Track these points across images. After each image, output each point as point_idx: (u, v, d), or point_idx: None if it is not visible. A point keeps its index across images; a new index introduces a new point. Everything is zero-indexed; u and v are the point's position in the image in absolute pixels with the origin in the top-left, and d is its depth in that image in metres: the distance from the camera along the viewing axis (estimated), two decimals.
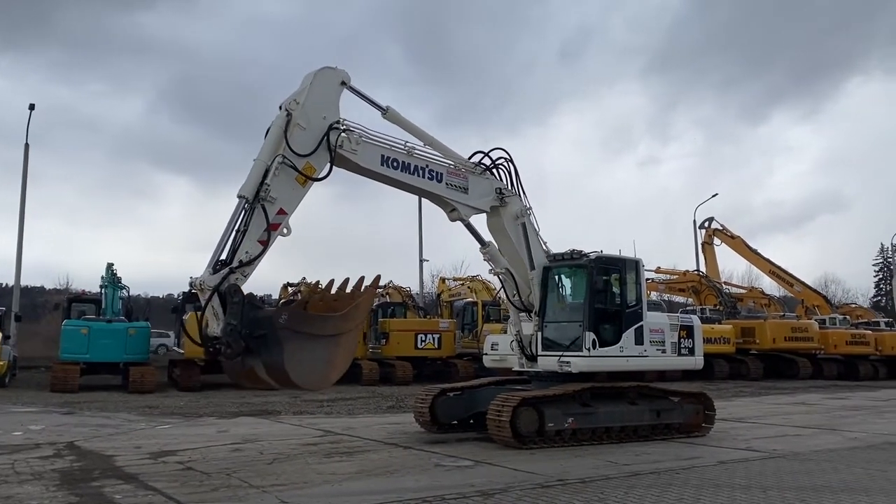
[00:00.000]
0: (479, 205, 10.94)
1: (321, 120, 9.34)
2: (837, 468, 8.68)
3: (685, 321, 12.29)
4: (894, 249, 68.10)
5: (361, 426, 12.97)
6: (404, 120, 10.44)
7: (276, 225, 8.74)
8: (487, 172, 11.13)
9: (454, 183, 10.62)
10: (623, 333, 11.13)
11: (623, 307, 11.31)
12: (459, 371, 24.17)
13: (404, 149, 10.14)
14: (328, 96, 9.52)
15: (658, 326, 11.67)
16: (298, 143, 9.04)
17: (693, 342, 12.12)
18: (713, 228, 39.82)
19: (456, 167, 10.74)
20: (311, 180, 9.12)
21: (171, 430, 12.42)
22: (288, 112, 9.12)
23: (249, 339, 7.98)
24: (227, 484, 7.62)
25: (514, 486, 7.40)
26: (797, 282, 38.75)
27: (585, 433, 10.64)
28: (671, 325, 11.91)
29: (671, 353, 11.74)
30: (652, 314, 11.93)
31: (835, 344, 30.75)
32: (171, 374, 23.18)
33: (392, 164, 9.97)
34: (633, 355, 11.18)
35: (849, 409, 17.03)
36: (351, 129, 9.53)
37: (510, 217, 11.21)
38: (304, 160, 9.05)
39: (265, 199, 8.64)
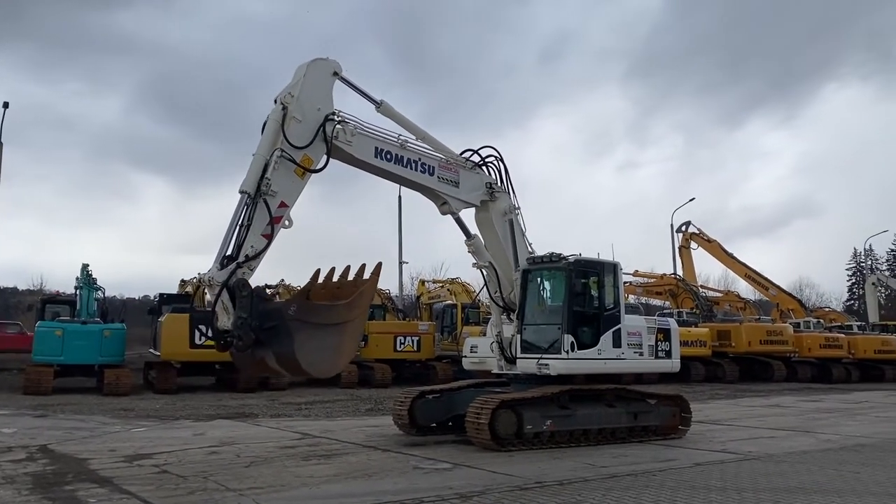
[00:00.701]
0: (470, 199, 11.17)
1: (316, 112, 9.43)
2: (811, 470, 8.80)
3: (662, 324, 12.33)
4: (867, 254, 69.28)
5: (340, 429, 12.92)
6: (398, 114, 10.62)
7: (278, 218, 8.86)
8: (478, 168, 11.35)
9: (445, 177, 10.83)
10: (601, 336, 11.16)
11: (601, 310, 11.34)
12: (438, 373, 24.15)
13: (397, 142, 10.34)
14: (322, 87, 9.59)
15: (636, 329, 11.71)
16: (295, 135, 9.12)
17: (670, 345, 12.15)
18: (690, 232, 40.24)
19: (447, 161, 10.95)
20: (309, 172, 9.23)
21: (147, 433, 12.29)
22: (283, 106, 9.18)
23: (260, 331, 8.11)
24: (203, 487, 7.55)
25: (492, 489, 7.42)
26: (772, 286, 39.25)
27: (564, 435, 10.69)
28: (648, 328, 11.94)
29: (648, 355, 11.76)
30: (630, 317, 11.99)
31: (809, 347, 31.14)
32: (146, 377, 22.92)
33: (386, 157, 10.15)
34: (610, 358, 11.23)
35: (822, 411, 17.26)
36: (346, 121, 9.69)
37: (499, 213, 11.42)
38: (302, 152, 9.14)
39: (266, 193, 8.73)
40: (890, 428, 13.62)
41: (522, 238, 11.63)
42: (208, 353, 20.67)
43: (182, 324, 20.52)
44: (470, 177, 11.16)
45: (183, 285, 27.36)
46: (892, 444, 11.19)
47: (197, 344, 20.48)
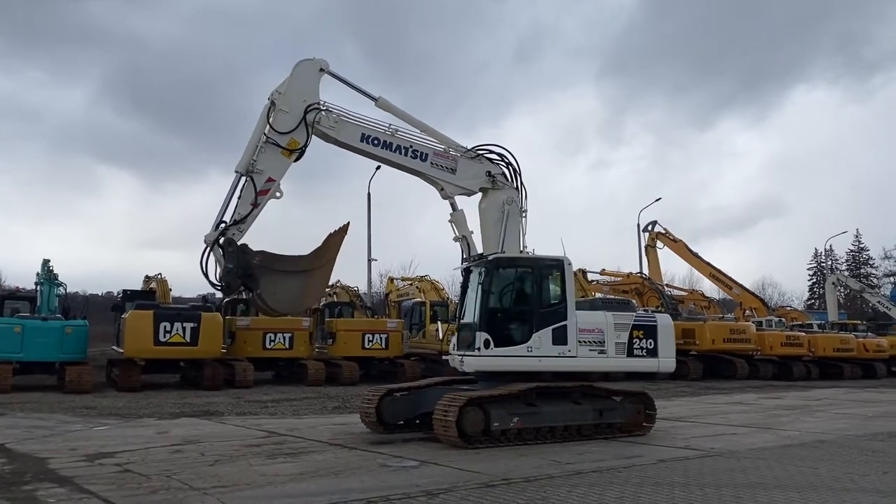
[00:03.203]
0: (467, 185, 11.86)
1: (301, 103, 11.02)
2: (771, 466, 8.97)
3: (642, 321, 11.92)
4: (827, 254, 70.80)
5: (306, 427, 12.84)
6: (396, 108, 11.77)
7: (264, 191, 10.71)
8: (482, 158, 11.84)
9: (440, 163, 11.67)
10: (534, 333, 11.07)
11: (534, 307, 11.26)
12: (407, 371, 24.10)
13: (388, 130, 11.48)
14: (308, 83, 11.16)
15: (593, 326, 11.40)
16: (281, 123, 10.87)
17: (655, 343, 11.78)
18: (656, 232, 40.69)
19: (446, 150, 11.75)
20: (294, 151, 10.91)
21: (109, 432, 12.10)
22: (272, 101, 10.93)
23: (244, 278, 10.24)
24: (166, 486, 7.46)
25: (459, 486, 7.44)
26: (736, 285, 39.89)
27: (530, 432, 10.76)
28: (618, 325, 11.61)
29: (617, 353, 11.49)
30: (588, 313, 11.69)
31: (771, 345, 31.69)
32: (109, 374, 22.53)
33: (373, 142, 11.39)
34: (549, 355, 11.04)
35: (783, 408, 17.61)
36: (329, 109, 11.12)
37: (497, 201, 11.82)
38: (287, 137, 10.89)
39: (253, 171, 10.65)
40: (848, 424, 13.94)
41: (515, 233, 11.72)
42: (173, 350, 20.52)
43: (146, 320, 20.23)
44: (470, 165, 11.81)
45: (147, 281, 26.90)
46: (849, 441, 11.44)
47: (161, 341, 20.22)
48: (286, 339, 23.61)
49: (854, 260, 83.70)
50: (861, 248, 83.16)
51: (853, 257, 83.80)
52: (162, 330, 20.23)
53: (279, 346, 23.56)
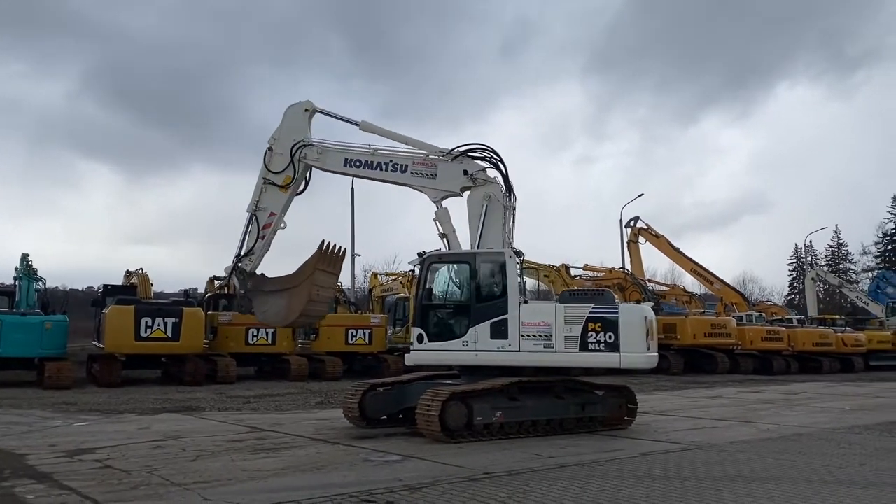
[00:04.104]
0: (447, 187, 11.98)
1: (292, 142, 12.45)
2: (750, 458, 9.07)
3: (600, 313, 11.00)
4: (807, 250, 71.56)
5: (289, 422, 12.81)
6: (378, 128, 12.64)
7: (268, 225, 12.48)
8: (464, 157, 11.91)
9: (420, 171, 12.08)
10: (470, 328, 11.09)
11: (471, 302, 11.26)
12: (390, 366, 24.10)
13: (369, 150, 12.27)
14: (297, 124, 12.59)
15: (539, 319, 10.99)
16: (276, 164, 12.50)
17: (615, 336, 10.89)
18: (638, 227, 40.97)
19: (425, 157, 12.11)
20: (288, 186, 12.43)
21: (89, 428, 11.99)
22: (269, 147, 12.61)
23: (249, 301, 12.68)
24: (147, 482, 7.41)
25: (441, 480, 7.46)
26: (717, 280, 40.27)
27: (513, 427, 10.80)
28: (569, 318, 10.95)
29: (567, 348, 10.87)
30: (533, 306, 11.36)
31: (751, 340, 32.01)
32: (90, 370, 22.34)
33: (355, 164, 12.36)
34: (487, 350, 10.99)
35: (763, 402, 17.78)
36: (313, 144, 12.41)
37: (477, 197, 11.85)
38: (282, 175, 12.45)
39: (257, 210, 12.50)
40: (826, 418, 14.11)
41: (495, 228, 11.67)
42: (154, 345, 20.39)
43: (127, 316, 20.09)
44: (450, 167, 11.96)
45: (128, 276, 26.71)
46: (827, 434, 11.59)
47: (142, 336, 20.09)
48: (269, 335, 23.53)
49: (833, 256, 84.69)
50: (840, 243, 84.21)
51: (832, 253, 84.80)
52: (143, 325, 20.10)
53: (262, 342, 23.47)
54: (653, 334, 11.17)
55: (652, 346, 11.17)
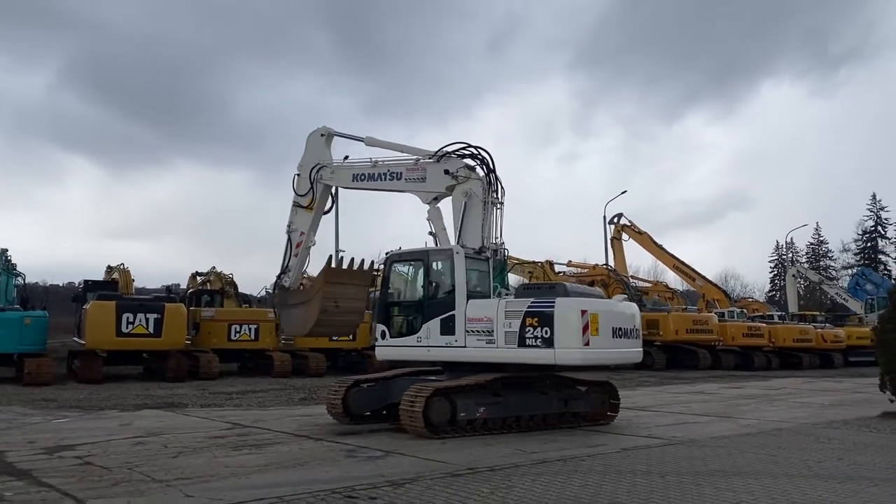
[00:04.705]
0: (435, 188, 12.25)
1: (310, 166, 13.51)
2: (731, 453, 9.14)
3: (537, 306, 10.52)
4: (788, 247, 72.26)
5: (272, 418, 12.77)
6: (381, 141, 13.36)
7: (300, 243, 13.48)
8: (447, 158, 12.14)
9: (412, 177, 12.56)
10: (424, 324, 11.20)
11: (424, 298, 11.38)
12: (374, 362, 23.97)
13: (371, 163, 12.98)
14: (317, 149, 13.65)
15: (482, 315, 10.86)
16: (301, 187, 13.58)
17: (551, 331, 10.29)
18: (621, 224, 41.19)
19: (416, 162, 12.57)
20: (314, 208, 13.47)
21: (69, 424, 11.89)
22: (297, 173, 13.67)
23: None
24: (128, 478, 7.36)
25: (424, 476, 7.46)
26: (699, 276, 40.59)
27: (496, 422, 10.82)
28: (509, 313, 10.68)
29: (507, 343, 10.61)
30: (478, 302, 11.06)
31: (732, 336, 32.29)
32: (70, 366, 22.13)
33: (361, 178, 13.14)
34: (437, 345, 11.06)
35: (744, 397, 17.95)
36: (325, 166, 13.40)
37: (459, 193, 12.01)
38: (306, 197, 13.50)
39: (290, 230, 13.60)
40: (806, 413, 14.26)
41: (473, 224, 11.71)
42: (136, 341, 20.23)
43: (108, 311, 19.93)
44: (436, 168, 12.29)
45: (110, 272, 26.46)
46: (807, 429, 11.71)
47: (124, 332, 19.95)
48: (252, 331, 23.45)
49: (814, 253, 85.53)
50: (821, 241, 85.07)
51: (813, 250, 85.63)
52: (124, 321, 19.95)
53: (245, 338, 23.38)
54: (597, 329, 10.44)
55: (594, 342, 10.39)
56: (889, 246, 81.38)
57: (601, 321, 10.57)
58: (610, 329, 10.76)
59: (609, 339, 10.72)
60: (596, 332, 10.44)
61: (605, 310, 10.96)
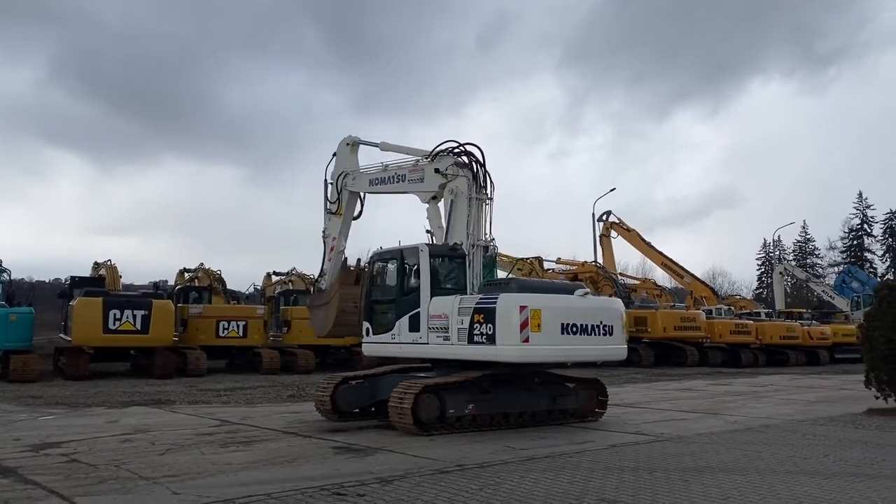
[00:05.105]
0: (430, 187, 12.42)
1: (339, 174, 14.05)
2: (718, 450, 9.19)
3: (483, 303, 10.46)
4: (775, 245, 72.69)
5: (260, 415, 12.73)
6: (392, 145, 13.78)
7: (332, 248, 13.88)
8: (439, 157, 12.27)
9: (413, 177, 12.84)
10: (397, 321, 11.41)
11: (398, 295, 11.59)
12: (363, 360, 23.95)
13: (382, 167, 13.45)
14: (344, 157, 14.16)
15: (441, 312, 10.91)
16: (332, 194, 14.10)
17: (493, 328, 10.17)
18: (610, 221, 41.28)
19: (416, 163, 12.79)
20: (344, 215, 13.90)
21: (56, 421, 11.82)
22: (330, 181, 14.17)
23: None
24: (115, 476, 7.32)
25: (413, 473, 7.46)
26: (687, 274, 40.74)
27: (485, 419, 10.84)
28: (461, 309, 10.65)
29: (459, 340, 10.58)
30: (438, 299, 11.06)
31: (720, 333, 32.45)
32: (56, 363, 21.99)
33: (375, 183, 13.58)
34: (406, 342, 11.24)
35: (731, 394, 18.04)
36: (349, 173, 13.93)
37: (448, 191, 12.10)
38: (335, 204, 14.00)
39: (325, 236, 14.09)
40: (792, 410, 14.34)
41: (460, 222, 11.70)
42: (123, 338, 20.12)
43: (95, 308, 19.81)
44: (430, 168, 12.40)
45: (96, 268, 26.28)
46: (793, 425, 11.78)
47: (111, 329, 19.84)
48: (240, 328, 23.37)
49: (801, 250, 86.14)
50: (808, 238, 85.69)
51: (800, 248, 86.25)
52: (111, 317, 19.84)
53: (233, 335, 23.30)
54: (539, 325, 10.17)
55: (535, 339, 10.14)
56: (875, 244, 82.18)
57: (545, 317, 10.28)
58: (558, 325, 10.44)
59: (556, 336, 10.41)
60: (537, 328, 10.18)
61: (551, 305, 10.57)
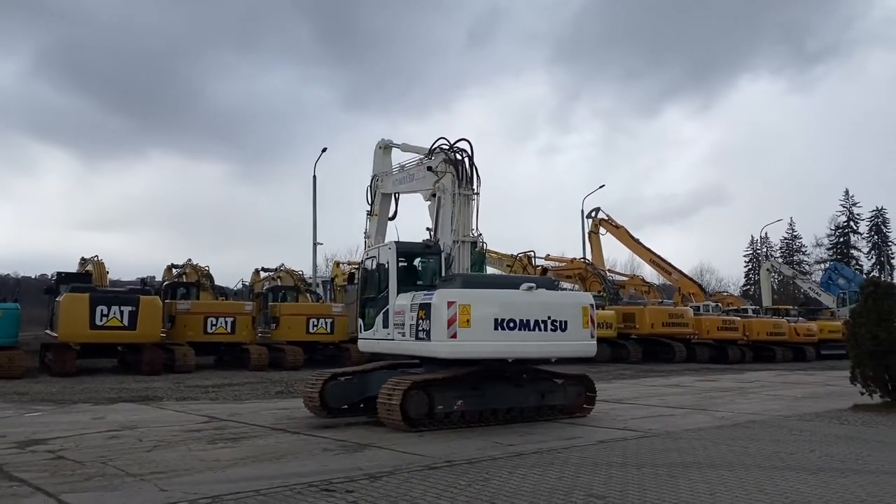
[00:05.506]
0: (427, 185, 12.66)
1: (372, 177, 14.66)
2: (705, 446, 9.24)
3: (424, 299, 10.61)
4: (763, 241, 73.12)
5: (248, 412, 12.69)
6: (412, 146, 14.00)
7: None
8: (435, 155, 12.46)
9: (418, 176, 13.16)
10: (376, 318, 11.78)
11: (377, 293, 11.91)
12: (352, 356, 23.98)
13: (399, 168, 14.03)
14: (378, 160, 14.73)
15: (401, 308, 11.12)
16: (369, 196, 14.61)
17: (430, 323, 10.32)
18: (599, 218, 41.44)
19: (419, 162, 13.08)
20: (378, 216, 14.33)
21: (42, 418, 11.74)
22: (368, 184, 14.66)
23: None
24: (102, 472, 7.28)
25: (401, 469, 7.46)
26: (675, 270, 40.95)
27: (473, 415, 10.85)
28: (412, 306, 10.83)
29: (411, 335, 10.77)
30: (403, 295, 11.20)
31: (707, 329, 32.60)
32: (43, 359, 21.83)
33: (396, 183, 14.05)
34: (382, 338, 11.61)
35: (718, 390, 18.14)
36: (378, 176, 14.54)
37: (437, 189, 12.31)
38: (372, 206, 14.54)
39: (366, 237, 14.50)
40: (779, 405, 14.45)
41: (446, 218, 11.77)
42: (110, 334, 19.99)
43: (82, 304, 19.67)
44: (425, 167, 12.67)
45: (83, 264, 26.08)
46: (779, 421, 11.87)
47: (98, 325, 19.70)
48: (228, 324, 23.28)
49: (788, 247, 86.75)
50: (794, 235, 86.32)
51: (787, 245, 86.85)
52: (98, 313, 19.71)
53: (221, 331, 23.21)
54: (468, 320, 10.10)
55: (464, 334, 10.11)
56: (861, 241, 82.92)
57: (475, 312, 10.21)
58: (491, 320, 10.33)
59: (489, 332, 10.30)
60: (466, 323, 10.12)
61: (483, 300, 10.47)
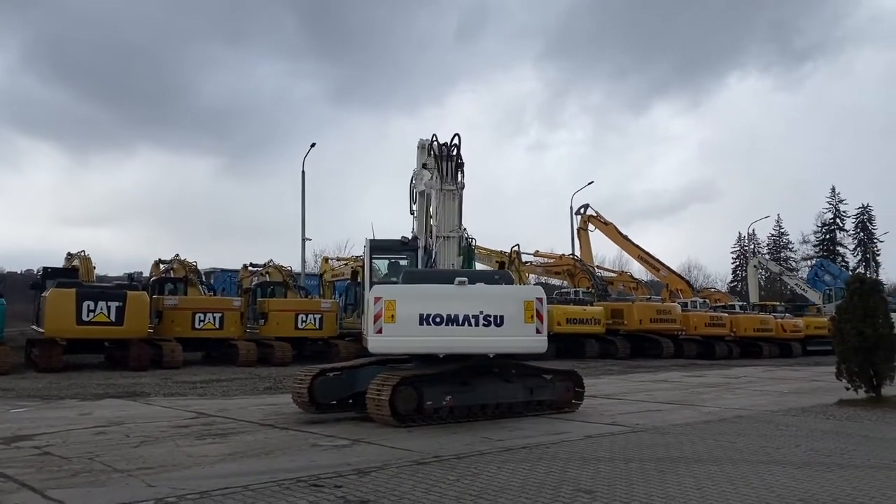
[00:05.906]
0: (426, 183, 12.73)
1: None
2: (693, 440, 9.29)
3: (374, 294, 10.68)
4: (750, 238, 73.54)
5: (236, 407, 12.65)
6: None
7: None
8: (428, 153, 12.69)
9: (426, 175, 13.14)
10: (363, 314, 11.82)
11: (363, 289, 12.27)
12: (341, 351, 23.98)
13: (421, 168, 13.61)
14: (419, 159, 14.03)
15: (366, 305, 11.14)
16: None
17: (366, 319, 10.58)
18: (588, 215, 41.60)
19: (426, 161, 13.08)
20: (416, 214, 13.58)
21: (28, 414, 11.65)
22: None
23: None
24: (88, 469, 7.23)
25: (390, 464, 7.46)
26: (663, 267, 41.15)
27: (462, 410, 10.86)
28: (367, 302, 10.87)
29: (367, 331, 10.89)
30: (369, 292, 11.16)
31: (695, 325, 32.82)
32: (28, 355, 21.68)
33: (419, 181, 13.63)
34: (369, 335, 11.36)
35: (705, 386, 18.25)
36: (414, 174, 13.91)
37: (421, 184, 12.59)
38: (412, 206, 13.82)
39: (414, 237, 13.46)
40: (765, 400, 14.55)
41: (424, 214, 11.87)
42: (97, 329, 19.88)
43: (68, 299, 19.55)
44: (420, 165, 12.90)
45: (70, 259, 25.90)
46: (766, 416, 11.94)
47: (84, 320, 19.58)
48: (216, 319, 23.20)
49: (775, 244, 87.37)
50: (781, 232, 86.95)
51: (774, 241, 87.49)
52: (85, 309, 19.59)
53: (209, 327, 23.13)
54: (393, 316, 10.03)
55: (389, 330, 10.06)
56: (847, 238, 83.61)
57: (400, 308, 10.18)
58: (416, 316, 10.24)
59: (413, 327, 10.23)
60: (391, 319, 10.10)
61: (407, 295, 10.44)
